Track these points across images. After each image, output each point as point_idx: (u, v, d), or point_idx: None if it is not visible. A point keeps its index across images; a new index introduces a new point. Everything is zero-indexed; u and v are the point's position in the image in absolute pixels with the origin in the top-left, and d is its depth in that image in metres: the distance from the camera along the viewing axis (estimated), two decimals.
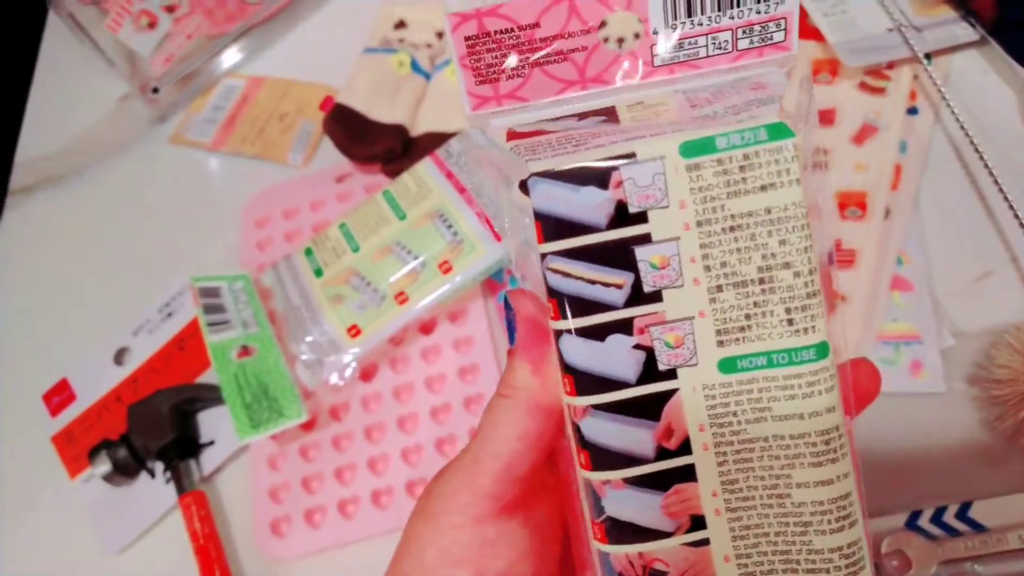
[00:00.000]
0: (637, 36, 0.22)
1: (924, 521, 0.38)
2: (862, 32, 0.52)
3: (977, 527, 0.37)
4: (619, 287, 0.20)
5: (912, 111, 0.50)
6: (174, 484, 0.47)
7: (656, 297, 0.20)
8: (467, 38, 0.21)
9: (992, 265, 0.45)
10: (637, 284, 0.20)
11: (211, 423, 0.50)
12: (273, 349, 0.49)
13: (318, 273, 0.49)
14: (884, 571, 0.37)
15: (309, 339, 0.47)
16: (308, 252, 0.50)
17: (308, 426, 0.48)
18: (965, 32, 0.52)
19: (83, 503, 0.49)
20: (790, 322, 0.20)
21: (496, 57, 0.21)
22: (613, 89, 0.22)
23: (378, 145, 0.55)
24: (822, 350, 0.20)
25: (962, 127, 0.48)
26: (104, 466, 0.48)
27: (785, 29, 0.21)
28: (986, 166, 0.46)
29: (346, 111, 0.56)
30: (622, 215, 0.20)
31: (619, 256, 0.20)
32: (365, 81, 0.58)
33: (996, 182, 0.46)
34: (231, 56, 0.66)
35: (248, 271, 0.54)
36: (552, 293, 0.20)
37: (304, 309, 0.48)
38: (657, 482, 0.21)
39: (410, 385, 0.48)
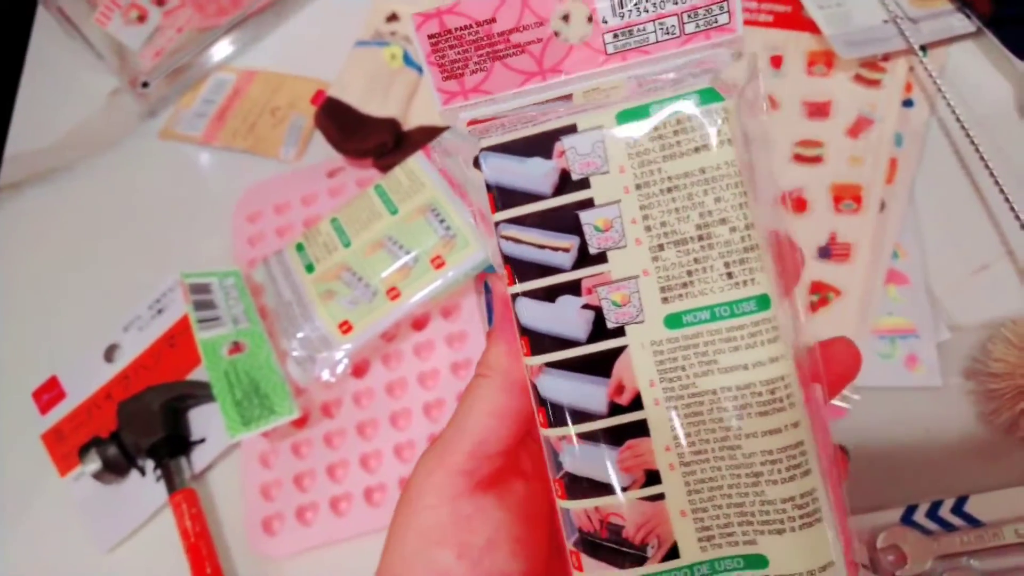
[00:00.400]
0: (588, 25, 0.22)
1: (920, 516, 0.38)
2: (857, 24, 0.52)
3: (973, 522, 0.37)
4: (566, 250, 0.21)
5: (908, 103, 0.50)
6: (165, 482, 0.47)
7: (601, 258, 0.21)
8: (430, 36, 0.22)
9: (988, 258, 0.45)
10: (583, 247, 0.21)
11: (202, 420, 0.50)
12: (264, 345, 0.48)
13: (309, 268, 0.49)
14: (879, 566, 0.37)
15: (300, 335, 0.47)
16: (299, 247, 0.50)
17: (300, 423, 0.48)
18: (961, 24, 0.52)
19: (73, 501, 0.49)
20: (729, 275, 0.21)
21: (459, 53, 0.22)
22: (571, 79, 0.23)
23: (370, 139, 0.54)
24: (762, 302, 0.21)
25: (958, 119, 0.47)
26: (94, 464, 0.47)
27: (728, 12, 0.21)
28: (982, 159, 0.46)
29: (338, 105, 0.56)
30: (566, 182, 0.21)
31: (565, 221, 0.21)
32: (357, 75, 0.57)
33: (992, 175, 0.45)
34: (222, 49, 0.65)
35: (239, 267, 0.53)
36: (506, 259, 0.22)
37: (295, 305, 0.48)
38: (611, 437, 0.21)
39: (403, 381, 0.48)
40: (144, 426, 0.48)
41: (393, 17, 0.61)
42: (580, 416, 0.21)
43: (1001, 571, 0.36)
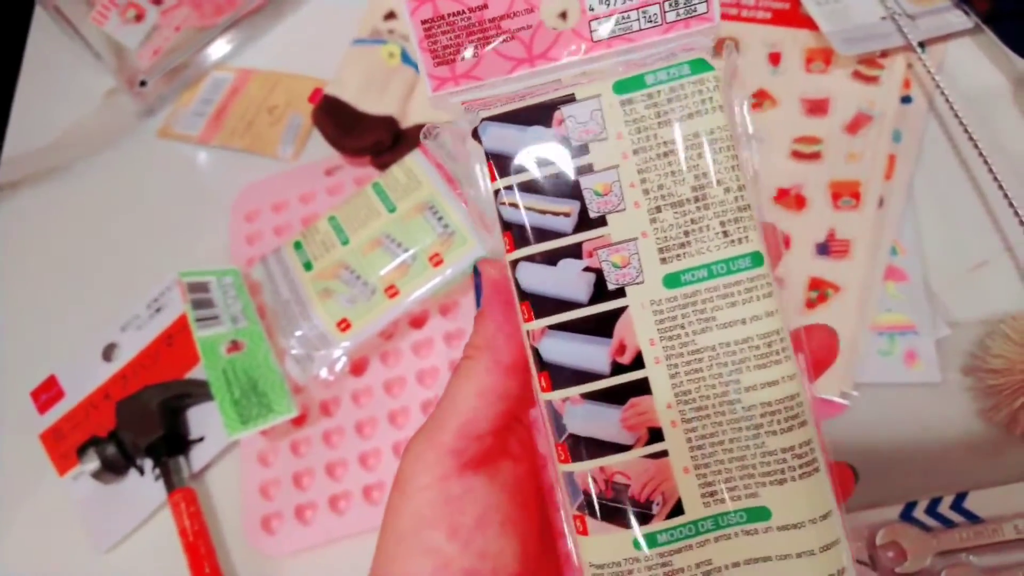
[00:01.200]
0: (576, 14, 0.23)
1: (919, 512, 0.38)
2: (856, 21, 0.52)
3: (972, 518, 0.37)
4: (567, 215, 0.22)
5: (906, 100, 0.50)
6: (163, 481, 0.47)
7: (601, 222, 0.22)
8: (423, 21, 0.22)
9: (987, 254, 0.45)
10: (583, 211, 0.22)
11: (200, 419, 0.50)
12: (262, 344, 0.48)
13: (308, 267, 0.49)
14: (879, 562, 0.37)
15: (299, 333, 0.47)
16: (297, 245, 0.50)
17: (298, 421, 0.48)
18: (959, 20, 0.52)
19: (72, 501, 0.49)
20: (725, 234, 0.21)
21: (451, 39, 0.23)
22: (559, 65, 0.23)
23: (367, 137, 0.54)
24: (756, 258, 0.21)
25: (956, 116, 0.47)
26: (93, 463, 0.47)
27: (706, 1, 0.22)
28: (981, 155, 0.46)
29: (335, 103, 0.56)
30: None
31: (566, 186, 0.22)
32: (354, 73, 0.57)
33: (991, 171, 0.45)
34: (219, 48, 0.65)
35: (237, 265, 0.53)
36: (506, 226, 0.22)
37: (294, 303, 0.48)
38: (614, 396, 0.22)
39: (401, 379, 0.48)
40: (143, 425, 0.48)
41: (391, 15, 0.61)
42: (583, 377, 0.22)
43: (1000, 567, 0.36)
